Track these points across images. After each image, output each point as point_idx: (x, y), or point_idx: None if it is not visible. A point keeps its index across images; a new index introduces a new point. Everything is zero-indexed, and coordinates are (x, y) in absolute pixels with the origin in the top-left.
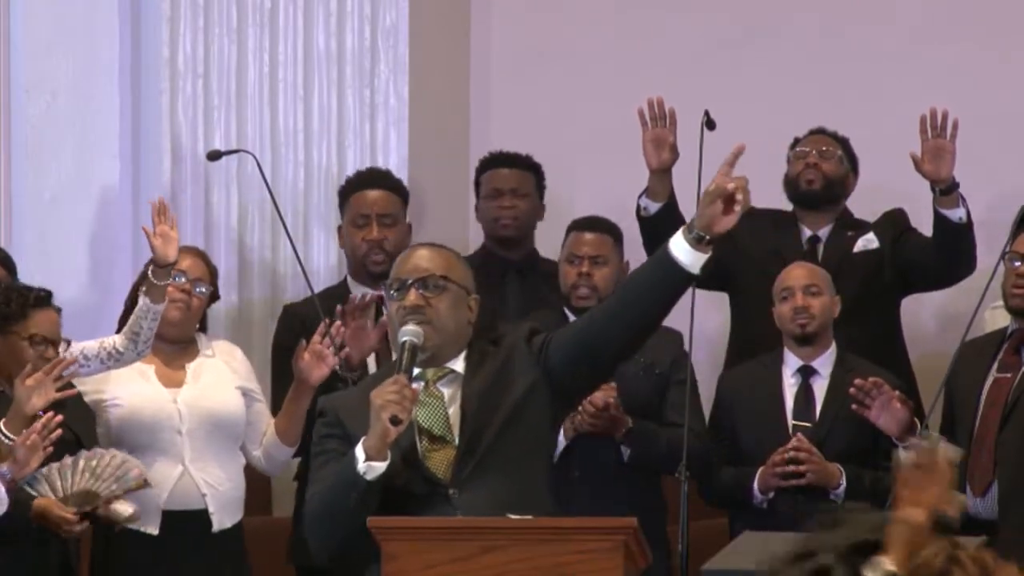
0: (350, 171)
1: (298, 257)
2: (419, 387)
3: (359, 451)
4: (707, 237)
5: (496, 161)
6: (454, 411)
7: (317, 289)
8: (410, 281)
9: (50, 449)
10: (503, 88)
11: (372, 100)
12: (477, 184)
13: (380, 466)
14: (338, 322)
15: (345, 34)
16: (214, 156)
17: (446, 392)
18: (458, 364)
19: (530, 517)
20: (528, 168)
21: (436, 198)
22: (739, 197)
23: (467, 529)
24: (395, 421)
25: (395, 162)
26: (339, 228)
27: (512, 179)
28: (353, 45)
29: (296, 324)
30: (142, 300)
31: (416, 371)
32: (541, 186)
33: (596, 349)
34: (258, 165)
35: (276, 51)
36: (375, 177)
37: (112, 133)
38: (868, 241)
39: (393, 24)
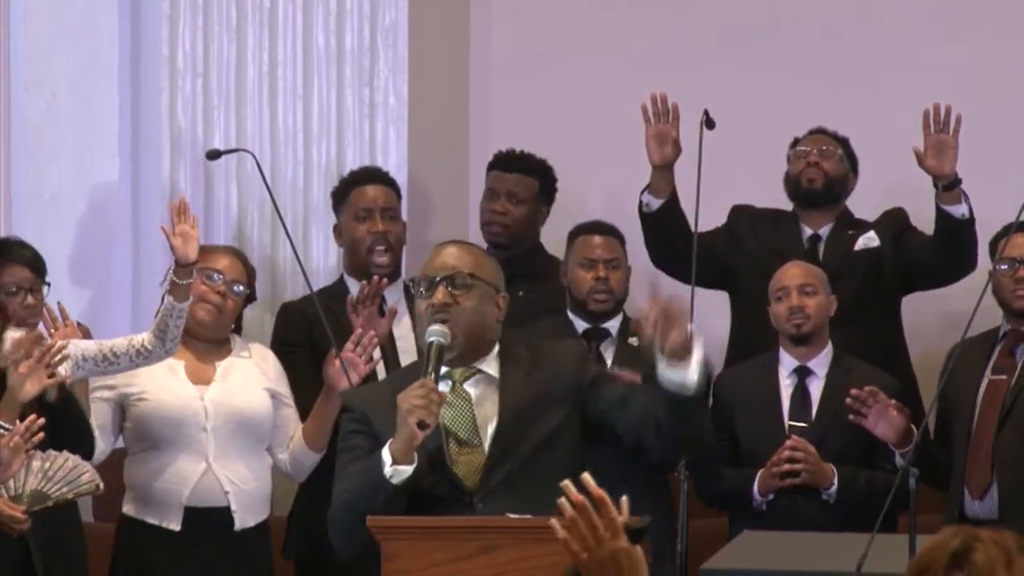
0: (349, 170)
1: (297, 256)
2: (446, 390)
3: (386, 454)
4: (677, 356)
5: (502, 163)
6: (481, 413)
7: (316, 288)
8: (438, 279)
9: (33, 452)
10: (503, 87)
11: (371, 99)
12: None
13: (407, 470)
14: (372, 332)
15: (345, 33)
16: (213, 155)
17: (473, 393)
18: (487, 365)
19: (530, 517)
20: (533, 173)
21: (436, 197)
22: (665, 320)
23: (467, 529)
24: (422, 426)
25: (395, 161)
26: (335, 227)
27: (511, 183)
28: (353, 44)
29: (298, 320)
30: (167, 299)
31: (444, 370)
32: (548, 191)
33: (640, 447)
34: (257, 164)
35: (276, 50)
36: (373, 174)
37: (112, 132)
38: (869, 239)
39: (392, 23)
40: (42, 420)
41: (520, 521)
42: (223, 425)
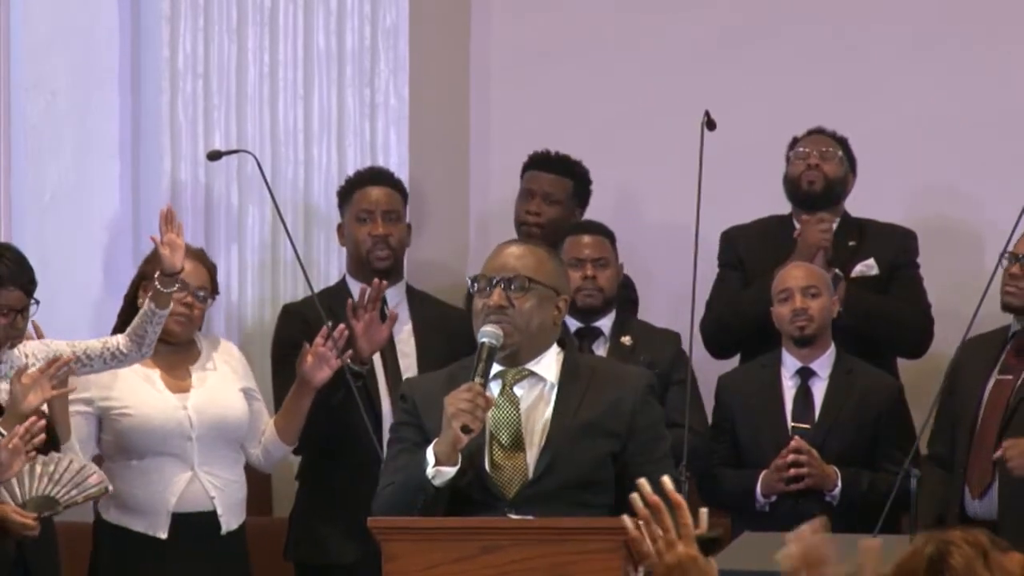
0: (350, 171)
1: (298, 257)
2: (496, 392)
3: (430, 455)
4: None
5: (539, 163)
6: (529, 418)
7: (317, 289)
8: (496, 280)
9: (33, 453)
10: (503, 88)
11: (372, 100)
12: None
13: (449, 471)
14: (341, 324)
15: (345, 34)
16: (214, 156)
17: (523, 395)
18: (540, 367)
19: (530, 517)
20: (569, 175)
21: (436, 198)
22: None
23: (467, 529)
24: (466, 430)
25: (395, 162)
26: (339, 227)
27: (546, 183)
28: (353, 45)
29: (298, 321)
30: (148, 304)
31: (496, 369)
32: (582, 193)
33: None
34: (258, 165)
35: (276, 51)
36: (378, 175)
37: (112, 133)
38: (868, 267)
39: (393, 24)
40: (43, 422)
41: (520, 521)
42: (207, 433)
